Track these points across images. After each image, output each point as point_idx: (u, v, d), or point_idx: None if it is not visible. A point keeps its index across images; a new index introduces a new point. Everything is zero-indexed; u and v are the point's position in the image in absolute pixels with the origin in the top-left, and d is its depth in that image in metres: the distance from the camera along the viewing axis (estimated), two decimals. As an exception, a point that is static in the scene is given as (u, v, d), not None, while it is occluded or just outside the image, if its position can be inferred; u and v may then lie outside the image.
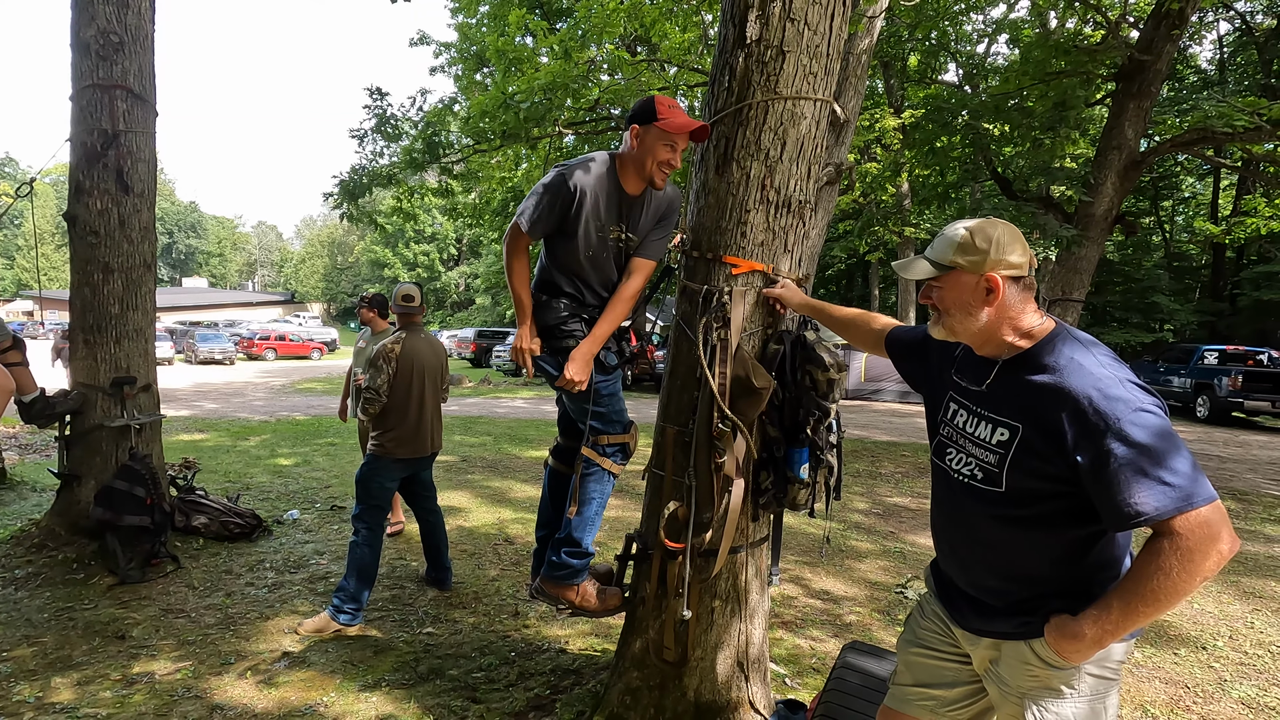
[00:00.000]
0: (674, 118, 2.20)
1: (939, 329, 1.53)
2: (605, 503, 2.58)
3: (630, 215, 2.39)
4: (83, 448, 4.17)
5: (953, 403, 1.59)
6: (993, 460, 1.44)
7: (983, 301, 1.44)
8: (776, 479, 2.24)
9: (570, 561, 2.52)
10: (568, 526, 2.52)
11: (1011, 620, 1.48)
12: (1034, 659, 1.44)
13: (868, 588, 4.36)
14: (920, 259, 1.52)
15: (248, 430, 9.88)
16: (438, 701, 2.79)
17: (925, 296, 1.54)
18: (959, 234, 1.46)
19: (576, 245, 2.36)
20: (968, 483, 1.51)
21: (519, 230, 2.33)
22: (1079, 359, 1.36)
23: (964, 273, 1.45)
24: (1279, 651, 3.67)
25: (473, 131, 9.41)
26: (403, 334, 3.79)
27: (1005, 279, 1.43)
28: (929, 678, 1.68)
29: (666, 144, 2.22)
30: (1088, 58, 9.03)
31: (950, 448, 1.57)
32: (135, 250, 4.21)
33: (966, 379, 1.55)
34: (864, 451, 9.58)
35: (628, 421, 2.56)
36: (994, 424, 1.45)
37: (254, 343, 31.44)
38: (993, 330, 1.46)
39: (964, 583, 1.59)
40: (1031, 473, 1.38)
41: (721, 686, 2.34)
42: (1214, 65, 24.75)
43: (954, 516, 1.58)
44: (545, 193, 2.29)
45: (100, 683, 2.87)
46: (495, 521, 5.42)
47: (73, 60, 4.08)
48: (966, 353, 1.58)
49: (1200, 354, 15.46)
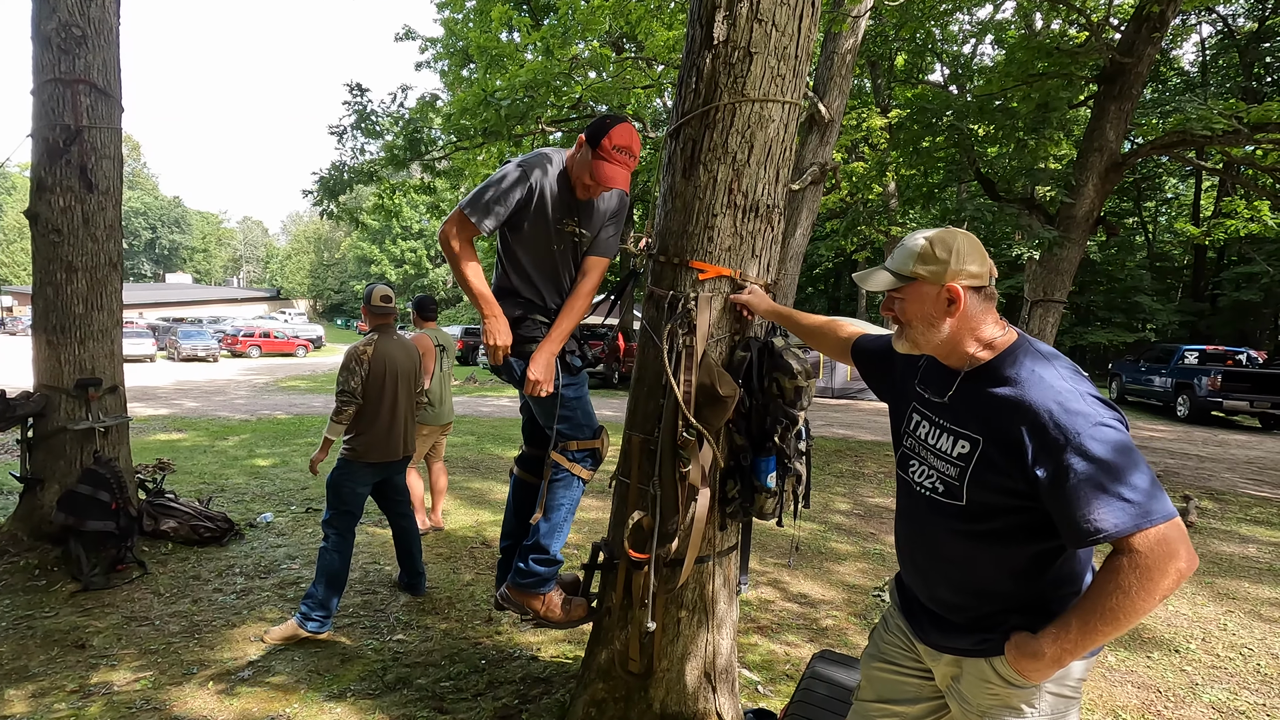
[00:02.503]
0: (610, 165, 2.20)
1: (902, 342, 1.50)
2: (574, 509, 2.54)
3: (582, 211, 2.40)
4: (46, 451, 4.08)
5: (915, 414, 1.57)
6: (953, 473, 1.42)
7: (944, 312, 1.42)
8: (743, 488, 2.21)
9: (537, 569, 2.48)
10: (535, 533, 2.47)
11: (971, 637, 1.46)
12: (994, 677, 1.42)
13: (846, 591, 4.35)
14: (880, 270, 1.49)
15: (227, 430, 9.75)
16: (403, 712, 2.74)
17: (887, 309, 1.51)
18: (918, 244, 1.43)
19: (538, 242, 2.35)
20: (929, 496, 1.49)
21: (465, 221, 2.25)
22: (1040, 371, 1.35)
23: (925, 283, 1.42)
24: (1251, 654, 3.69)
25: (455, 129, 9.31)
26: (374, 336, 3.72)
27: (966, 289, 1.40)
28: (891, 693, 1.65)
29: (591, 174, 2.24)
30: (1070, 59, 9.07)
31: (913, 459, 1.55)
32: (100, 249, 4.11)
33: (930, 390, 1.53)
34: (848, 451, 9.59)
35: (597, 426, 2.52)
36: (955, 436, 1.43)
37: (238, 339, 31.08)
38: (955, 341, 1.43)
39: (925, 597, 1.56)
40: (991, 487, 1.36)
41: (688, 698, 2.31)
42: (1197, 68, 25.00)
43: (916, 530, 1.56)
44: (500, 185, 2.25)
45: (56, 694, 2.80)
46: (473, 524, 5.37)
47: (33, 53, 3.97)
48: (931, 363, 1.56)
49: (1181, 354, 15.62)
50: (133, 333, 24.53)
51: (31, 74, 3.97)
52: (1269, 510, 6.99)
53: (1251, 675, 3.46)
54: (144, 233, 69.39)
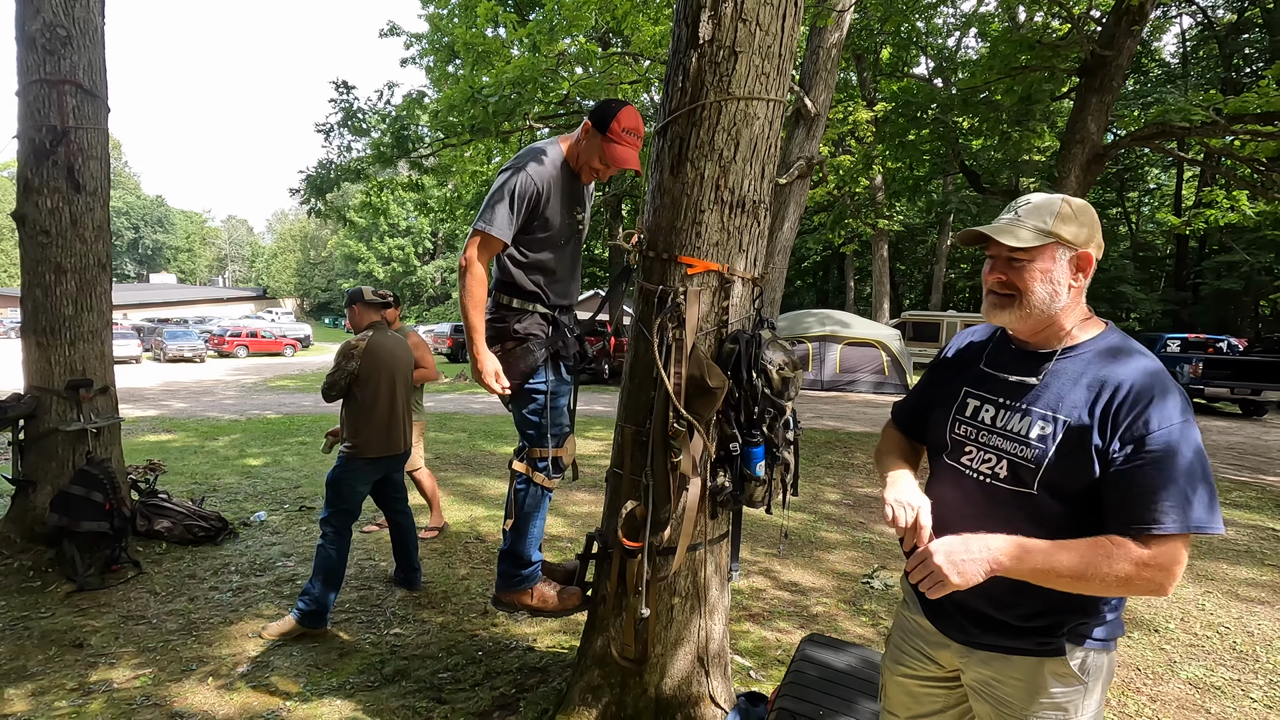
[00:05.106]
0: (621, 148, 2.33)
1: (1007, 313, 1.38)
2: (543, 514, 2.59)
3: (581, 198, 2.53)
4: (37, 453, 4.08)
5: (973, 398, 1.48)
6: (1029, 456, 1.34)
7: (1069, 280, 1.34)
8: (734, 477, 2.26)
9: (517, 571, 2.55)
10: (508, 540, 2.54)
11: (1026, 638, 1.39)
12: (1046, 678, 1.37)
13: (835, 578, 4.43)
14: (1017, 224, 1.35)
15: (217, 430, 9.72)
16: (402, 703, 2.79)
17: (998, 273, 1.39)
18: (1057, 204, 1.34)
19: (548, 238, 2.41)
20: (990, 483, 1.41)
21: (488, 239, 2.29)
22: (1137, 359, 1.31)
23: (1061, 246, 1.33)
24: (1227, 633, 3.81)
25: (442, 126, 9.30)
26: (369, 332, 3.75)
27: (1094, 261, 1.35)
28: (919, 709, 1.60)
29: (602, 158, 2.38)
30: (1052, 52, 9.18)
31: (968, 446, 1.46)
32: (89, 250, 4.11)
33: (1007, 370, 1.45)
34: (837, 442, 9.69)
35: (564, 434, 2.56)
36: (1036, 417, 1.35)
37: (225, 340, 30.83)
38: (1062, 315, 1.36)
39: (972, 597, 1.42)
40: (1067, 471, 1.31)
41: (682, 682, 2.37)
42: (1178, 59, 25.28)
43: (965, 519, 1.43)
44: (513, 191, 2.30)
45: (56, 692, 2.82)
46: (467, 519, 5.41)
47: (18, 54, 3.95)
48: (1001, 346, 1.49)
49: (1163, 342, 15.88)
50: (117, 334, 24.18)
51: (16, 75, 3.96)
52: (1247, 494, 7.16)
53: (1228, 652, 3.57)
54: (127, 233, 68.56)
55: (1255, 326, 25.86)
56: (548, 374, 2.45)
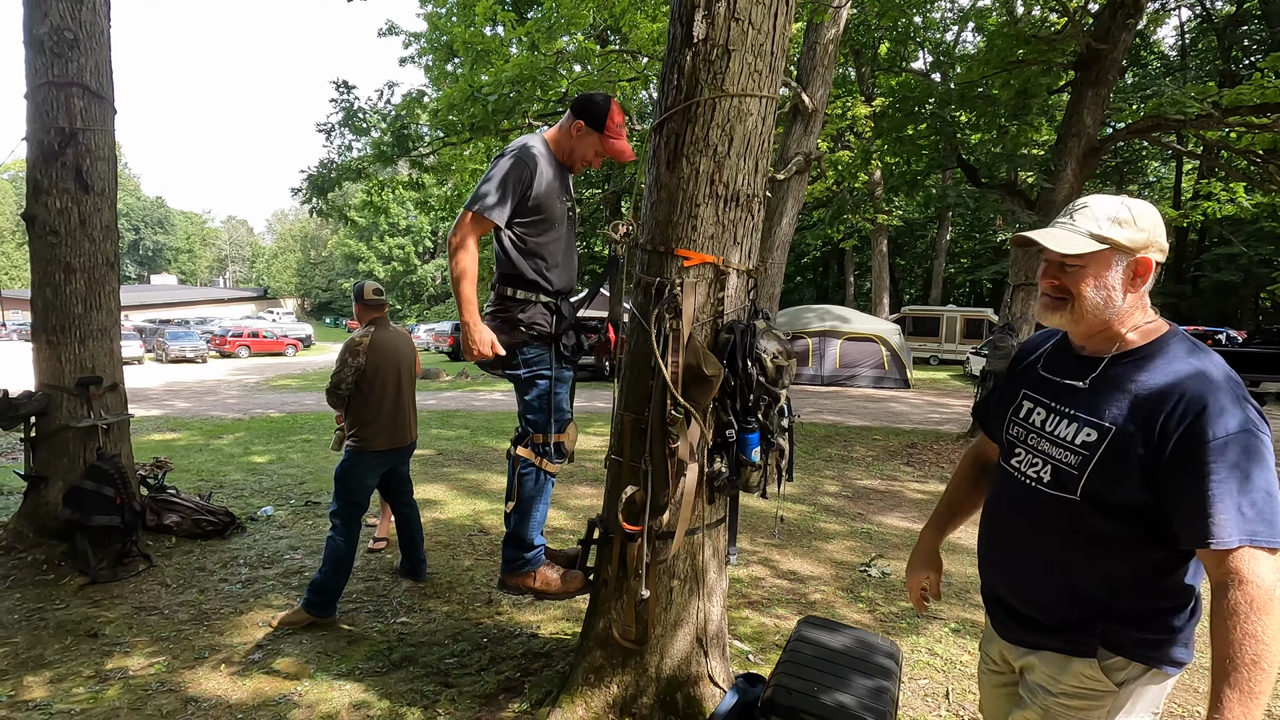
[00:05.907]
0: (617, 142, 2.50)
1: (1061, 316, 1.36)
2: (546, 498, 2.66)
3: (568, 186, 2.65)
4: (49, 449, 4.15)
5: (1028, 400, 1.46)
6: (1072, 461, 1.31)
7: (1127, 286, 1.30)
8: (730, 462, 2.34)
9: (521, 554, 2.62)
10: (510, 524, 2.61)
11: (1059, 636, 1.37)
12: (1073, 677, 1.35)
13: (834, 567, 4.50)
14: (1068, 231, 1.32)
15: (221, 428, 9.80)
16: (410, 687, 2.87)
17: (1051, 277, 1.36)
18: (1114, 208, 1.31)
19: (544, 222, 2.48)
20: (1034, 486, 1.38)
21: (478, 219, 2.37)
22: (1198, 363, 1.25)
23: (1117, 251, 1.29)
24: (1218, 616, 3.87)
25: (442, 124, 9.36)
26: (371, 328, 3.82)
27: (1155, 265, 1.31)
28: (1007, 707, 1.56)
29: (598, 153, 2.53)
30: (1047, 46, 9.21)
31: (1019, 448, 1.44)
32: (97, 249, 4.18)
33: (1060, 374, 1.42)
34: (837, 436, 9.76)
35: (565, 420, 2.64)
36: (1082, 424, 1.32)
37: (226, 340, 30.92)
38: (1118, 321, 1.32)
39: (1010, 594, 1.46)
40: (1109, 480, 1.27)
41: (681, 662, 2.45)
42: (1176, 52, 25.27)
43: (1010, 523, 1.45)
44: (507, 176, 2.37)
45: (73, 680, 2.90)
46: (470, 513, 5.49)
47: (26, 57, 4.02)
48: (1059, 348, 1.47)
49: (1162, 335, 15.90)
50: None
51: (25, 78, 4.03)
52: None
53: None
54: (127, 234, 68.66)
55: (1255, 319, 25.92)
56: (552, 361, 2.53)
